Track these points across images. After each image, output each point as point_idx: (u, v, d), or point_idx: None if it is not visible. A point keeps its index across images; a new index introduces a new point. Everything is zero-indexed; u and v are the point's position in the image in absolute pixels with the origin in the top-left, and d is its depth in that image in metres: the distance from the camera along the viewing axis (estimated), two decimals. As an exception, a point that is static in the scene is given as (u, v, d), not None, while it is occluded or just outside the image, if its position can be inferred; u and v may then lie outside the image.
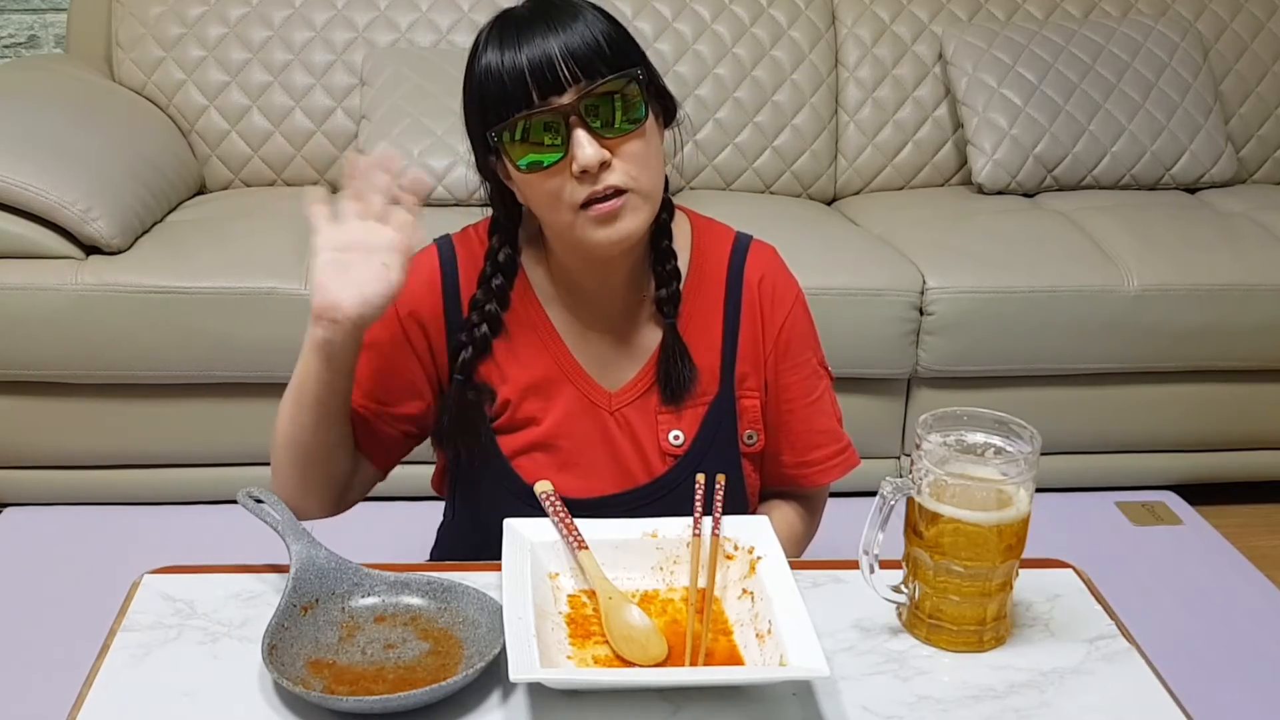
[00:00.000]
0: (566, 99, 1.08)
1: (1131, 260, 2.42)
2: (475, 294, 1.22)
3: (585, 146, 1.07)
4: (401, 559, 1.13)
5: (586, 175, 1.09)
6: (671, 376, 1.23)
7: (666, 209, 1.23)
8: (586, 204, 1.10)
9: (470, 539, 1.30)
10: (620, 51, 1.10)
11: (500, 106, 1.09)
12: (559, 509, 1.11)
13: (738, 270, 1.27)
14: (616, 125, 1.09)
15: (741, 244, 1.29)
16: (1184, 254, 2.45)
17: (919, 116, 2.88)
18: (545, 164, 1.09)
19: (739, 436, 1.28)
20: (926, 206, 2.73)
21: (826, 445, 1.32)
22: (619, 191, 1.10)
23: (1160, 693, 0.98)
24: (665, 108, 1.18)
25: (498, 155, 1.14)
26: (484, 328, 1.22)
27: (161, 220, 2.44)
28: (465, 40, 2.77)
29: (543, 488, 1.14)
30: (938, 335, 2.35)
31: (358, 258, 1.08)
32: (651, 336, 1.25)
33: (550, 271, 1.25)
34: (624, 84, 1.09)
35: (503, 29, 1.10)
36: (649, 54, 1.17)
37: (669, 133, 1.21)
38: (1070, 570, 1.15)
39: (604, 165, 1.09)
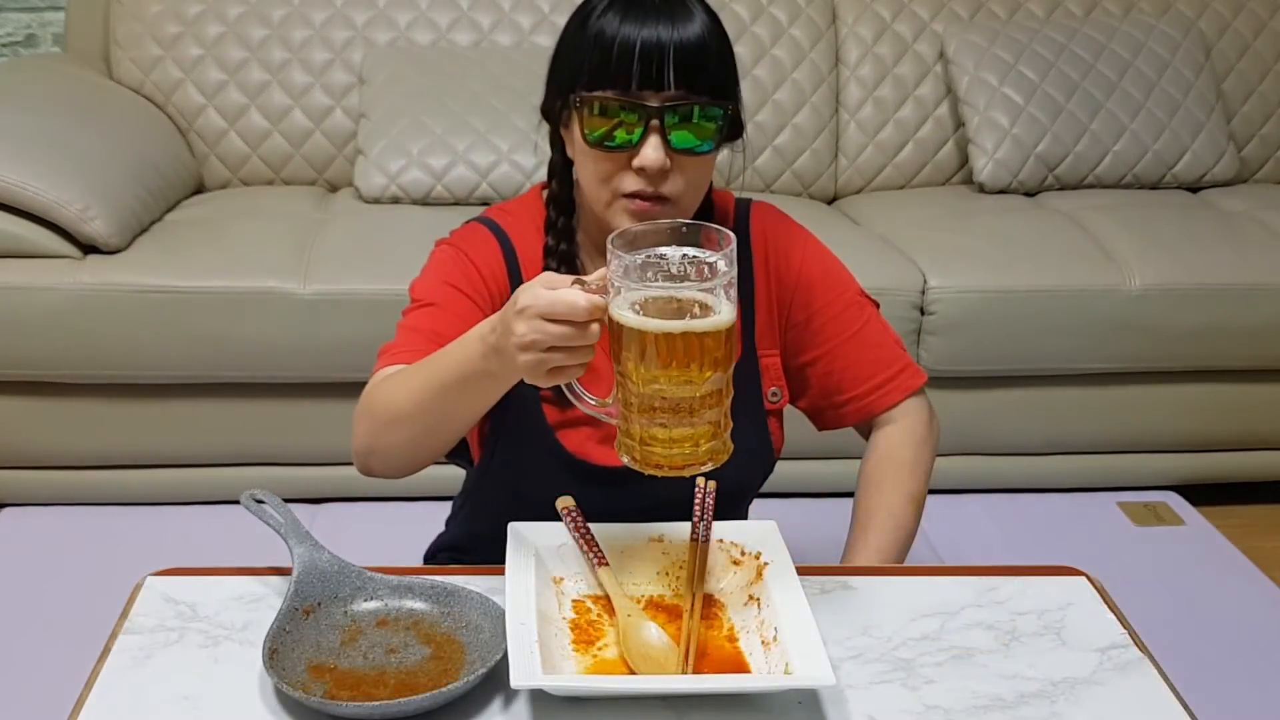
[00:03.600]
0: (656, 100, 1.10)
1: (1133, 260, 2.41)
2: (546, 241, 1.24)
3: (652, 151, 1.11)
4: (404, 562, 1.13)
5: (644, 173, 1.12)
6: None
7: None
8: (629, 193, 1.13)
9: (503, 503, 1.28)
10: (724, 77, 1.14)
11: (594, 74, 1.11)
12: (580, 524, 1.11)
13: (743, 233, 1.30)
14: (690, 141, 1.12)
15: (743, 207, 1.33)
16: (1186, 253, 2.44)
17: (920, 115, 2.87)
18: (613, 146, 1.12)
19: (764, 395, 1.29)
20: (927, 205, 2.72)
21: (880, 372, 1.31)
22: (663, 199, 1.13)
23: (1173, 705, 0.97)
24: (732, 135, 1.20)
25: (570, 111, 1.15)
26: (562, 270, 1.22)
27: (160, 219, 2.43)
28: (465, 39, 2.79)
29: (564, 503, 1.14)
30: (939, 335, 2.34)
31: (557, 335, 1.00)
32: None
33: (586, 250, 1.26)
34: (712, 109, 1.12)
35: (630, 1, 1.11)
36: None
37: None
38: (1083, 578, 1.14)
39: (663, 172, 1.12)
